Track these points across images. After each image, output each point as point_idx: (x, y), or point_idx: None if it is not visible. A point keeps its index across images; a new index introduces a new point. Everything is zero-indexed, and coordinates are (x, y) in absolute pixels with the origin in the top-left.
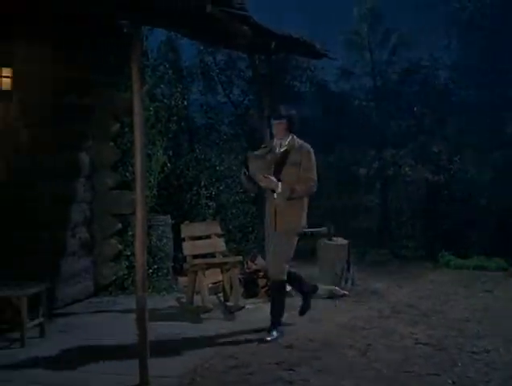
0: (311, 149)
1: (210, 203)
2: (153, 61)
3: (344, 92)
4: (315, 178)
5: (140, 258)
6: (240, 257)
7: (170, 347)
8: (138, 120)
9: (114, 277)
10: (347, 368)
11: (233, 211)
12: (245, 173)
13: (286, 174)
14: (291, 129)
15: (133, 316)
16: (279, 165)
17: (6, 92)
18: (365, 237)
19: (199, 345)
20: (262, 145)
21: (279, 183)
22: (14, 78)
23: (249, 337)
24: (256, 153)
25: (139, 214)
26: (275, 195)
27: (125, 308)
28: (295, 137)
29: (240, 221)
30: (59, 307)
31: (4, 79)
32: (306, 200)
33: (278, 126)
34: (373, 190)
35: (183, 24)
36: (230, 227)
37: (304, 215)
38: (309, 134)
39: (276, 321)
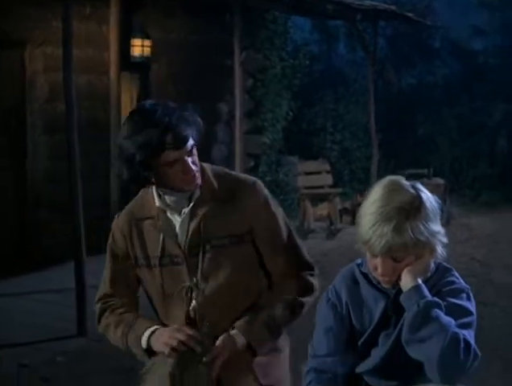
0: (261, 184)
1: (334, 147)
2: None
3: (475, 49)
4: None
5: None
6: (339, 189)
7: None
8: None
9: None
10: None
11: (358, 154)
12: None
13: (212, 275)
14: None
15: None
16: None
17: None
18: (484, 181)
19: None
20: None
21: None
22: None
23: (337, 250)
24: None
25: None
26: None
27: None
28: (205, 166)
29: (363, 164)
30: None
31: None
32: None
33: (188, 157)
34: (500, 138)
35: None
36: (354, 168)
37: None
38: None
39: None
